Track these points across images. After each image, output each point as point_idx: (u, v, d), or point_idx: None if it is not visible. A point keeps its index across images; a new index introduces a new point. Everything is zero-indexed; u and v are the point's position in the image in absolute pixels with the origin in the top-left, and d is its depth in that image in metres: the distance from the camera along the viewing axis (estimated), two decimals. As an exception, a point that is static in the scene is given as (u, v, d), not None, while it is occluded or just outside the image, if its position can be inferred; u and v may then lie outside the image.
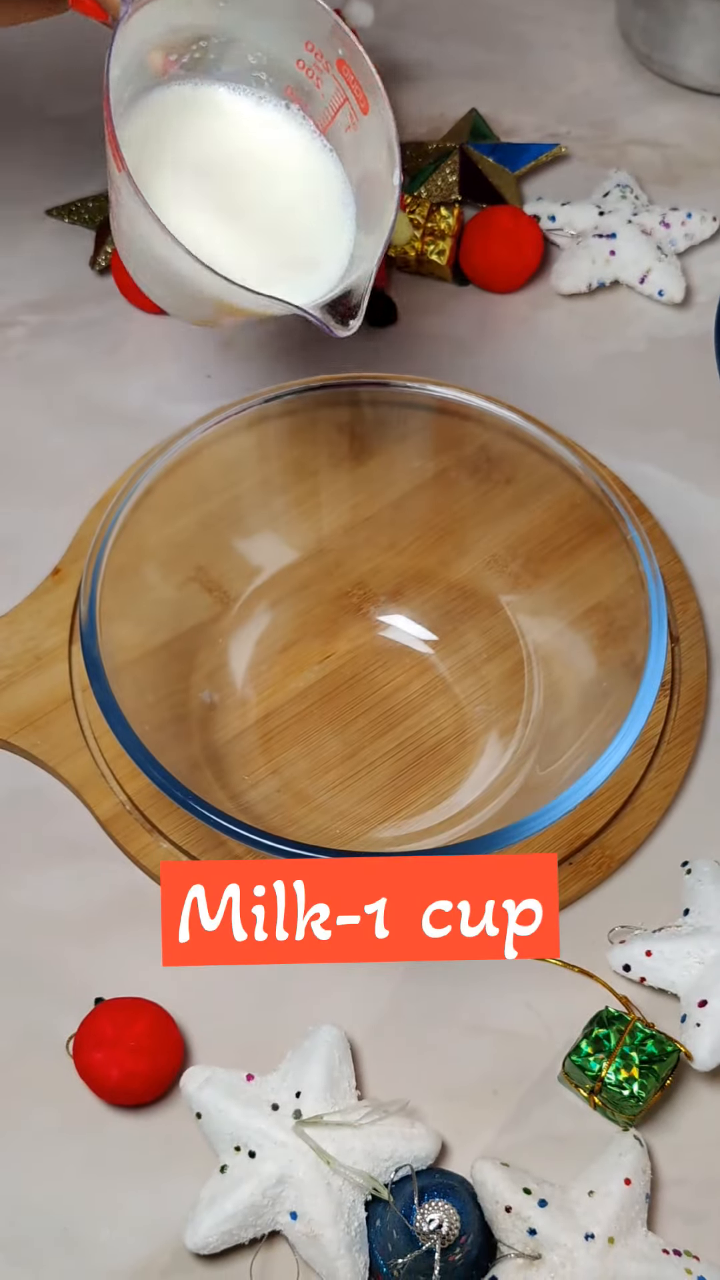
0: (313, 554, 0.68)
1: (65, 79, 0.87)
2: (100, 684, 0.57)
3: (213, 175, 0.61)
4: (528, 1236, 0.53)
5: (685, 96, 0.88)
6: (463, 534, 0.68)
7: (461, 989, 0.60)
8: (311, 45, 0.59)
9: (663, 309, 0.79)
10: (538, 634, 0.66)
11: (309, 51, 0.60)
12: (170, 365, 0.76)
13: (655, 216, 0.80)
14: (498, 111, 0.86)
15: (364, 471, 0.67)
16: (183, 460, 0.64)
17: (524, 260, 0.78)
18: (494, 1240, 0.54)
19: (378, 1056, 0.59)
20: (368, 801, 0.63)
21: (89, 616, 0.59)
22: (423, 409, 0.65)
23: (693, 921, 0.60)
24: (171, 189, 0.60)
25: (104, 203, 0.80)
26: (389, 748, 0.64)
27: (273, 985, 0.60)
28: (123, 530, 0.62)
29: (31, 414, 0.75)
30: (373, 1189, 0.53)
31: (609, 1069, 0.56)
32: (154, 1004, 0.58)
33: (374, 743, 0.64)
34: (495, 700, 0.65)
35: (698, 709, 0.66)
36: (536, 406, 0.73)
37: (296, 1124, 0.54)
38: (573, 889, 0.62)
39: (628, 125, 0.87)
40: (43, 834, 0.63)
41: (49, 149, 0.84)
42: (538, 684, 0.65)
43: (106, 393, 0.75)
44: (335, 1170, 0.53)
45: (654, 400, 0.76)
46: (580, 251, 0.79)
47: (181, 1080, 0.56)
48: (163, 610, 0.64)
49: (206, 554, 0.66)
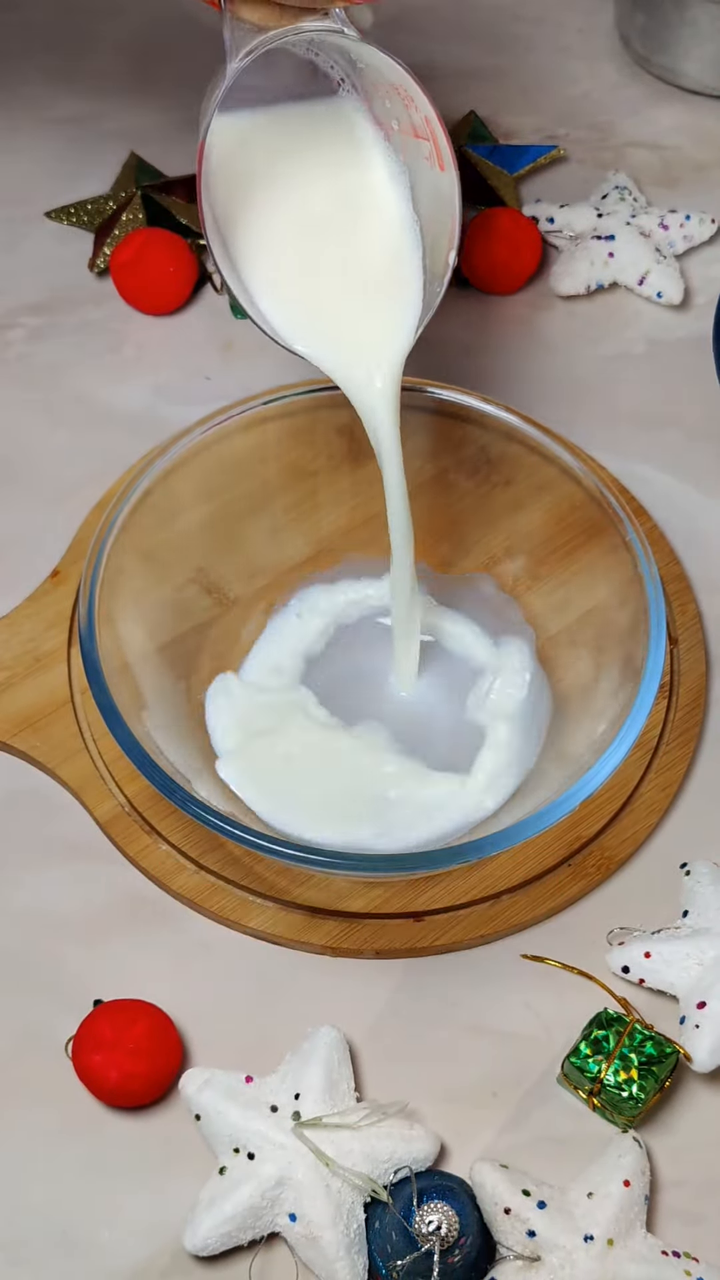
0: (312, 556, 0.68)
1: (65, 80, 0.87)
2: (99, 686, 0.58)
3: (304, 228, 0.60)
4: (527, 1238, 0.53)
5: (684, 99, 0.88)
6: (462, 535, 0.68)
7: (460, 990, 0.60)
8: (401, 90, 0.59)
9: (661, 311, 0.79)
10: (536, 635, 0.66)
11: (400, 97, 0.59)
12: (170, 367, 0.77)
13: (654, 219, 0.80)
14: (497, 114, 0.86)
15: (363, 473, 0.68)
16: (182, 462, 0.64)
17: (523, 262, 0.79)
18: (493, 1242, 0.54)
19: (376, 1058, 0.59)
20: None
21: (88, 618, 0.59)
22: (421, 411, 0.65)
23: (691, 923, 0.60)
24: (257, 239, 0.59)
25: (102, 204, 0.80)
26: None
27: (271, 986, 0.60)
28: (122, 532, 0.62)
29: (31, 415, 0.75)
30: (371, 1191, 0.53)
31: (608, 1070, 0.56)
32: (153, 1006, 0.58)
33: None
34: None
35: (696, 710, 0.66)
36: (535, 408, 0.74)
37: (295, 1126, 0.54)
38: (571, 890, 0.62)
39: (626, 127, 0.87)
40: (42, 835, 0.63)
41: (48, 151, 0.84)
42: (536, 686, 0.65)
43: (106, 394, 0.75)
44: (334, 1172, 0.53)
45: (652, 402, 0.76)
46: (579, 253, 0.79)
47: (180, 1082, 0.56)
48: (162, 612, 0.64)
49: (206, 556, 0.66)
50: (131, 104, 0.86)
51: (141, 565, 0.63)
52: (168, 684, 0.63)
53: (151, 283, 0.77)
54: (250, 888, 0.61)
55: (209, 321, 0.79)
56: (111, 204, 0.80)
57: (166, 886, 0.62)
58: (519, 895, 0.61)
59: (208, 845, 0.62)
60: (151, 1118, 0.58)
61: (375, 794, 0.62)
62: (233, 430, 0.65)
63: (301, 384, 0.66)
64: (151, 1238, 0.55)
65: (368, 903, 0.61)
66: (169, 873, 0.62)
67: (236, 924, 0.61)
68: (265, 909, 0.61)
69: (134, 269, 0.77)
